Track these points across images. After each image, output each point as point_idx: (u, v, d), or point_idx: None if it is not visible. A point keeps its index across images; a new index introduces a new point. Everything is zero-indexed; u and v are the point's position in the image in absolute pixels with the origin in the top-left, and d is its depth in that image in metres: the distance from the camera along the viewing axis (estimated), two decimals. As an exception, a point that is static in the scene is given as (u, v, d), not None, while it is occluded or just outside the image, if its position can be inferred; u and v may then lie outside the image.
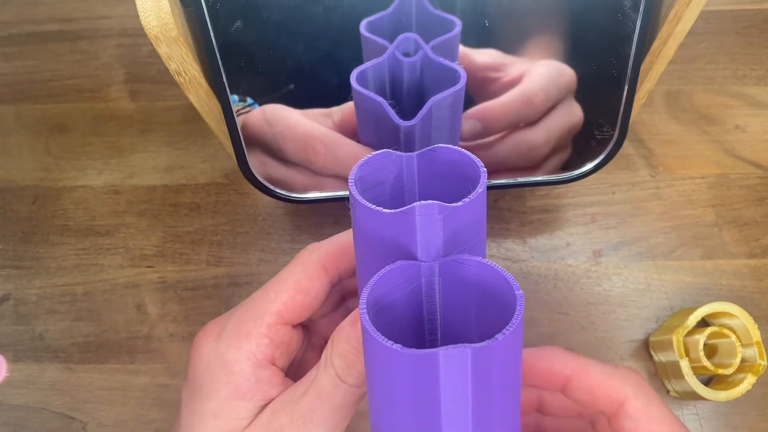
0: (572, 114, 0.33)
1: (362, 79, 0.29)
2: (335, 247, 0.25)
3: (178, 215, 0.41)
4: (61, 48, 0.47)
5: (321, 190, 0.34)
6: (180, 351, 0.37)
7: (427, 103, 0.28)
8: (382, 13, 0.28)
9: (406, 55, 0.29)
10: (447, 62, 0.29)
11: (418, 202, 0.18)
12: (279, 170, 0.34)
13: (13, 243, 0.40)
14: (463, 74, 0.28)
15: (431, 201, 0.18)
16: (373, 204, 0.19)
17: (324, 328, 0.31)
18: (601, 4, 0.28)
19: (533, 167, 0.34)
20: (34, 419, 0.36)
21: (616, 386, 0.22)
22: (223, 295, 0.38)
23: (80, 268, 0.39)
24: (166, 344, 0.37)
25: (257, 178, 0.33)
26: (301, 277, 0.25)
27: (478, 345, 0.16)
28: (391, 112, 0.29)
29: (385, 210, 0.18)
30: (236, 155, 0.32)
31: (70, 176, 0.42)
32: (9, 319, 0.38)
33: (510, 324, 0.17)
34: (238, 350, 0.24)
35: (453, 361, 0.16)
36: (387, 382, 0.18)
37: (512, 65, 0.31)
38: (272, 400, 0.23)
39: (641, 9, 0.27)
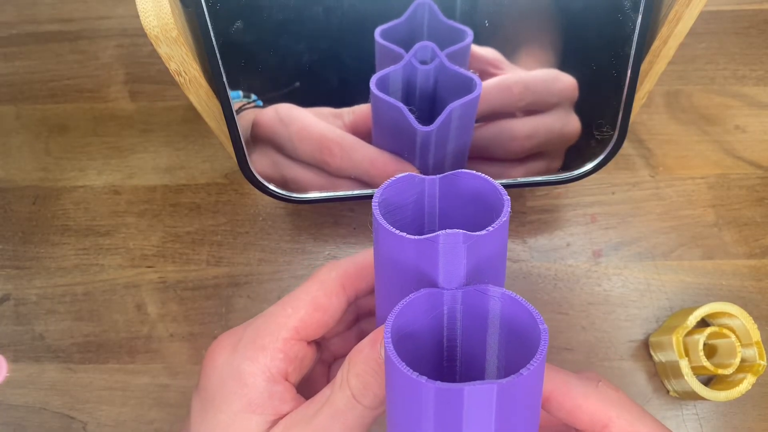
0: (567, 123, 0.33)
1: (381, 85, 0.29)
2: (354, 267, 0.25)
3: (179, 215, 0.41)
4: (61, 48, 0.47)
5: (334, 190, 0.34)
6: (180, 351, 0.37)
7: (446, 109, 0.29)
8: (396, 21, 0.28)
9: (423, 62, 0.29)
10: (463, 71, 0.29)
11: (443, 231, 0.18)
12: (291, 169, 0.34)
13: (13, 243, 0.40)
14: (479, 82, 0.29)
15: (456, 230, 0.18)
16: (395, 227, 0.19)
17: (336, 347, 0.31)
18: (601, 4, 0.28)
19: (512, 161, 0.34)
20: (34, 419, 0.36)
21: (598, 409, 0.22)
22: (223, 295, 0.38)
23: (80, 268, 0.39)
24: (166, 344, 0.37)
25: (257, 178, 0.33)
26: (319, 294, 0.25)
27: (504, 381, 0.16)
28: (411, 117, 0.29)
29: (409, 236, 0.19)
30: (236, 155, 0.32)
31: (70, 176, 0.42)
32: (9, 319, 0.38)
33: (534, 359, 0.17)
34: (254, 363, 0.24)
35: (478, 397, 0.16)
36: (409, 412, 0.18)
37: (512, 69, 0.31)
38: (283, 416, 0.23)
39: (641, 9, 0.27)
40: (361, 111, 0.31)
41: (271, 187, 0.33)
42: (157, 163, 0.42)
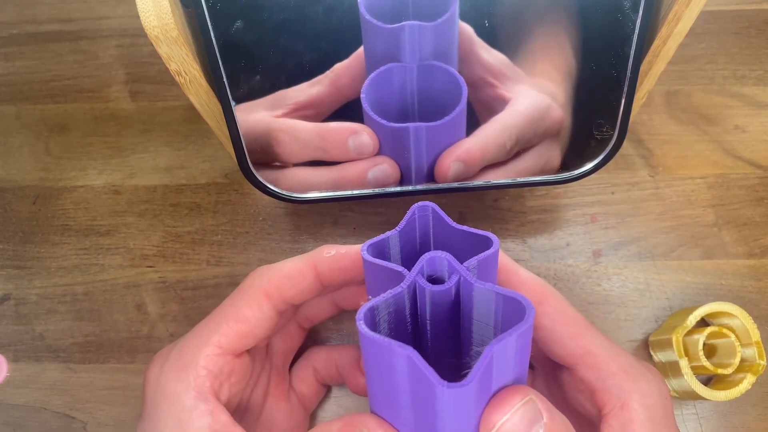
0: (549, 159, 0.33)
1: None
2: (280, 274, 0.25)
3: (179, 215, 0.41)
4: (61, 48, 0.47)
5: (308, 188, 0.33)
6: (180, 351, 0.37)
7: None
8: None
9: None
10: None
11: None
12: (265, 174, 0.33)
13: (13, 243, 0.40)
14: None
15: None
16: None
17: (278, 346, 0.31)
18: (601, 4, 0.28)
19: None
20: (34, 419, 0.36)
21: (538, 286, 0.25)
22: (223, 295, 0.38)
23: (81, 268, 0.39)
24: (167, 344, 0.37)
25: (257, 178, 0.33)
26: (241, 305, 0.24)
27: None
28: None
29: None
30: (236, 155, 0.32)
31: (71, 176, 0.42)
32: (9, 319, 0.38)
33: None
34: (178, 383, 0.23)
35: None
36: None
37: (510, 82, 0.30)
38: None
39: (641, 9, 0.27)
40: (341, 66, 0.30)
41: (271, 187, 0.33)
42: (157, 163, 0.42)
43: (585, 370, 0.24)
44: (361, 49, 0.29)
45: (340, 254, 0.26)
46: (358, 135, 0.31)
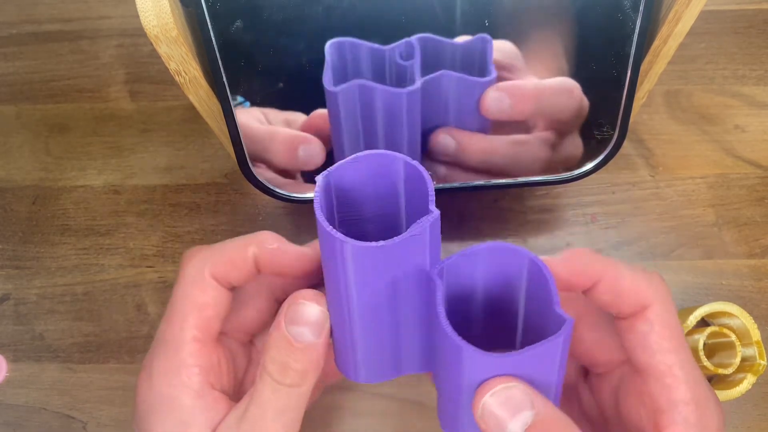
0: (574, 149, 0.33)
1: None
2: (223, 259, 0.24)
3: (178, 215, 0.41)
4: (61, 48, 0.47)
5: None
6: (180, 351, 0.37)
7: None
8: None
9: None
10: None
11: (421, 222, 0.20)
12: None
13: (13, 243, 0.40)
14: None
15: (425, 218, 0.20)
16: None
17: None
18: (601, 4, 0.28)
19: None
20: (34, 419, 0.36)
21: (643, 291, 0.23)
22: (223, 295, 0.38)
23: (80, 268, 0.39)
24: (166, 344, 0.37)
25: (257, 178, 0.33)
26: (196, 294, 0.24)
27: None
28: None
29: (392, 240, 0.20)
30: (236, 155, 0.32)
31: (71, 176, 0.42)
32: (9, 319, 0.38)
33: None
34: (173, 386, 0.23)
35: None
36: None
37: (523, 72, 0.30)
38: (220, 422, 0.23)
39: (641, 9, 0.27)
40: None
41: (271, 186, 0.33)
42: (157, 162, 0.42)
43: (658, 387, 0.23)
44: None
45: (282, 251, 0.25)
46: (309, 144, 0.31)
